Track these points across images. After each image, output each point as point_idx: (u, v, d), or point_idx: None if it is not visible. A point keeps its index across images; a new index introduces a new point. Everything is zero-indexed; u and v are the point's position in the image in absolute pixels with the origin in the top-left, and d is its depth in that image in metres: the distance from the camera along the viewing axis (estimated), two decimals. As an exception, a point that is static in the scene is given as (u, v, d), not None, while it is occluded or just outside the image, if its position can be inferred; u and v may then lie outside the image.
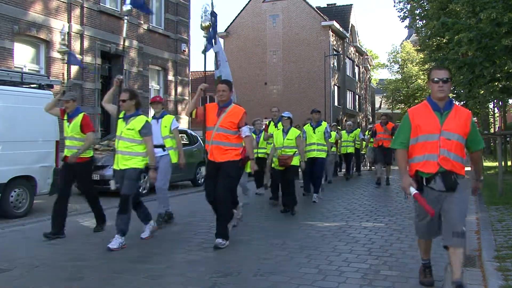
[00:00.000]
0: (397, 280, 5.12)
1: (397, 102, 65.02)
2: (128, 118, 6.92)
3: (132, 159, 6.85)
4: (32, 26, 16.03)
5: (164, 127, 8.46)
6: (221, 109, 6.87)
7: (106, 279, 5.24)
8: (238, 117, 6.82)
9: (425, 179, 4.55)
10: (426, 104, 4.64)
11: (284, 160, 9.65)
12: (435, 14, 22.30)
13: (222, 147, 6.74)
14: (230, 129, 6.75)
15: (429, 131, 4.48)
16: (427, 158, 4.50)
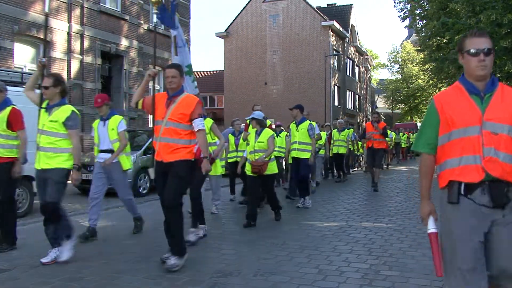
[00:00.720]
0: (397, 280, 5.11)
1: (397, 102, 65.10)
2: (52, 108, 6.00)
3: (57, 158, 5.87)
4: (32, 26, 16.04)
5: (111, 129, 7.46)
6: (171, 99, 5.78)
7: (106, 279, 5.23)
8: (190, 107, 5.69)
9: (464, 186, 3.14)
10: (458, 87, 3.30)
11: (258, 167, 8.44)
12: (435, 14, 22.29)
13: (171, 144, 5.68)
14: (181, 122, 5.68)
15: (465, 123, 3.14)
16: (465, 161, 3.13)
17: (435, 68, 30.11)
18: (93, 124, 7.84)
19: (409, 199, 11.59)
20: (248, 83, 43.54)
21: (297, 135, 10.33)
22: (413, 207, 10.25)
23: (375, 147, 13.24)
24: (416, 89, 61.99)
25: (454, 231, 3.19)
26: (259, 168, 8.41)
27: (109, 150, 7.42)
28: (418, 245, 6.69)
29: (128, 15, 20.07)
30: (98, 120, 7.61)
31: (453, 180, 3.18)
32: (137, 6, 20.71)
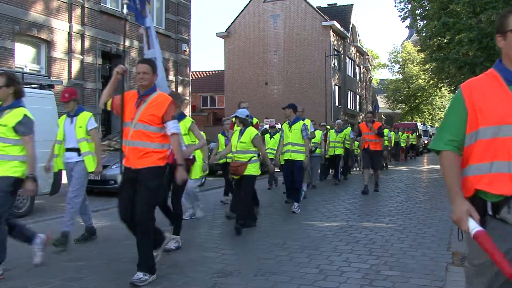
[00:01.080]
0: (398, 280, 5.11)
1: (397, 102, 65.09)
2: (3, 111, 5.36)
3: (4, 165, 5.31)
4: (33, 26, 16.03)
5: (78, 127, 6.88)
6: (142, 98, 5.26)
7: (106, 279, 5.23)
8: (162, 108, 5.15)
9: (491, 205, 2.48)
10: (493, 75, 2.60)
11: (235, 167, 7.87)
12: (436, 14, 22.29)
13: (141, 148, 5.11)
14: (151, 124, 5.12)
15: (500, 121, 2.46)
16: (497, 168, 2.46)
17: (435, 68, 30.12)
18: (58, 121, 7.42)
19: (409, 199, 11.58)
20: (248, 83, 43.55)
21: (290, 136, 9.77)
22: (414, 207, 10.26)
23: (372, 149, 12.85)
24: (416, 89, 62.01)
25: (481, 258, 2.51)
26: (236, 169, 7.83)
27: (75, 149, 6.89)
28: (419, 245, 6.69)
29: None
30: (65, 116, 7.08)
31: (480, 189, 2.50)
32: (137, 6, 20.70)
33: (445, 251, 6.35)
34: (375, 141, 12.89)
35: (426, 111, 66.42)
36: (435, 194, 12.73)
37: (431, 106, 66.10)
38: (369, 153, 12.93)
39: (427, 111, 66.51)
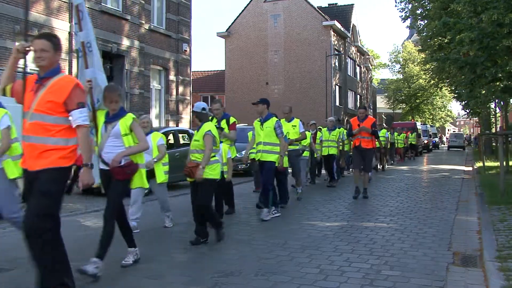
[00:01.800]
0: (399, 280, 5.11)
1: (398, 102, 65.11)
2: None
3: None
4: (34, 26, 16.04)
5: None
6: (40, 82, 4.33)
7: (108, 279, 5.23)
8: (63, 93, 4.25)
9: None
10: None
11: (188, 168, 6.92)
12: (436, 14, 22.30)
13: (37, 145, 4.20)
14: (50, 114, 4.20)
15: None
16: None
17: (436, 68, 30.20)
18: None
19: (410, 199, 11.58)
20: (249, 83, 43.56)
21: (261, 134, 8.83)
22: (414, 207, 10.25)
23: (363, 147, 11.51)
24: (417, 89, 62.04)
25: None
26: (189, 170, 6.90)
27: None
28: (419, 245, 6.69)
29: (129, 15, 20.07)
30: None
31: None
32: (138, 6, 20.71)
33: (446, 251, 6.35)
34: (367, 138, 11.50)
35: (427, 111, 66.44)
36: (435, 194, 12.72)
37: (431, 106, 66.14)
38: (361, 151, 11.56)
39: (427, 111, 66.53)
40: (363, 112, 11.80)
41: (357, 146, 11.63)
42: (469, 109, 32.30)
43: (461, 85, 21.41)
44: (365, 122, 11.54)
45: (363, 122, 11.51)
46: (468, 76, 16.39)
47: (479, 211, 9.52)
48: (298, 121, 11.19)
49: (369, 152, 11.75)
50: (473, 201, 11.36)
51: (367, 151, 11.62)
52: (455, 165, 25.98)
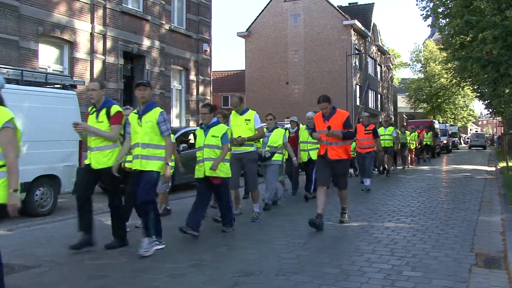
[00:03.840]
0: (420, 281, 5.06)
1: (419, 102, 64.55)
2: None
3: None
4: (56, 27, 16.23)
5: None
6: None
7: (128, 277, 5.27)
8: None
9: None
10: None
11: None
12: (458, 12, 22.04)
13: None
14: None
15: None
16: None
17: (458, 67, 29.82)
18: None
19: (432, 199, 11.46)
20: (269, 83, 43.55)
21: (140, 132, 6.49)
22: (436, 207, 10.14)
23: (332, 158, 8.07)
24: (438, 88, 61.43)
25: None
26: None
27: None
28: (441, 246, 6.62)
29: (150, 15, 20.20)
30: None
31: None
32: (158, 6, 20.83)
33: (468, 252, 6.27)
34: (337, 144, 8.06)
35: (449, 111, 65.77)
36: (457, 194, 12.57)
37: (453, 105, 65.45)
38: (329, 162, 8.15)
39: (449, 111, 65.85)
40: (326, 107, 7.99)
41: (322, 156, 8.13)
42: (492, 109, 31.86)
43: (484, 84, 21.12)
44: (332, 120, 7.95)
45: (329, 121, 7.95)
46: (491, 74, 16.12)
47: (502, 212, 9.40)
48: (254, 114, 8.88)
49: (341, 165, 8.15)
50: (496, 201, 11.21)
51: (337, 163, 8.07)
52: (478, 165, 25.64)
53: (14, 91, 8.64)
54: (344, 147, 8.09)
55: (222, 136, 7.49)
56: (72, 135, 10.10)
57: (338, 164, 8.07)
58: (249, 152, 8.77)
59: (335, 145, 7.98)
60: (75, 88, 10.96)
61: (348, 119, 8.10)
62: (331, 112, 8.03)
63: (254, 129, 8.70)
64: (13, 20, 14.76)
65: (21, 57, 14.87)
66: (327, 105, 7.96)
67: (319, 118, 8.19)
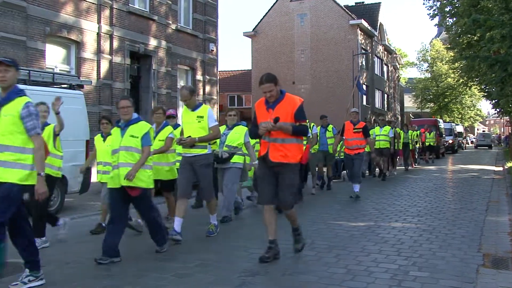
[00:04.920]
0: (427, 281, 5.04)
1: (426, 101, 64.32)
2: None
3: None
4: (63, 28, 16.29)
5: None
6: None
7: (134, 277, 5.28)
8: None
9: None
10: None
11: None
12: (466, 11, 21.95)
13: None
14: None
15: None
16: None
17: (465, 66, 29.70)
18: None
19: (438, 199, 11.42)
20: (276, 82, 43.48)
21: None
22: (443, 207, 10.11)
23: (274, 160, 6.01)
24: (445, 88, 61.15)
25: None
26: None
27: None
28: (448, 246, 6.59)
29: (157, 15, 20.24)
30: None
31: None
32: (165, 6, 20.87)
33: (476, 253, 6.24)
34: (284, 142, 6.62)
35: (456, 110, 65.50)
36: (465, 194, 12.52)
37: (460, 105, 65.17)
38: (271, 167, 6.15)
39: (456, 110, 65.59)
40: (271, 89, 5.85)
41: (263, 158, 5.95)
42: (499, 108, 31.70)
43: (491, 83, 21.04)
44: (279, 109, 5.86)
45: (274, 109, 5.86)
46: (499, 74, 16.04)
47: (510, 212, 9.36)
48: (208, 109, 7.35)
49: (287, 171, 5.88)
50: (504, 201, 11.16)
51: (282, 169, 5.88)
52: (485, 165, 25.54)
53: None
54: (294, 147, 5.86)
55: (143, 137, 6.13)
56: (79, 134, 10.19)
57: (283, 170, 5.83)
58: (201, 155, 7.16)
59: (280, 143, 5.80)
60: (82, 88, 11.01)
61: (301, 108, 5.91)
62: (278, 98, 5.89)
63: (207, 128, 7.15)
64: (21, 20, 14.84)
65: (29, 57, 14.95)
66: (272, 87, 5.82)
67: (261, 106, 6.02)
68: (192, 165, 7.16)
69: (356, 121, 11.88)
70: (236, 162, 8.69)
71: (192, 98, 7.24)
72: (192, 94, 7.23)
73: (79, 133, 10.21)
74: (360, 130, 11.70)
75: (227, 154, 8.47)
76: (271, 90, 5.82)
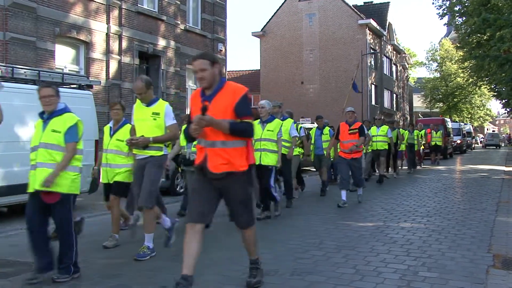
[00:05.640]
0: (436, 282, 5.02)
1: (435, 101, 64.05)
2: None
3: None
4: (73, 28, 16.37)
5: None
6: None
7: (144, 276, 5.30)
8: None
9: None
10: None
11: None
12: (475, 10, 21.85)
13: None
14: None
15: None
16: None
17: (475, 65, 29.57)
18: None
19: (448, 200, 11.37)
20: (284, 82, 43.53)
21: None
22: (452, 208, 10.06)
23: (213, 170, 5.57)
24: (455, 88, 60.91)
25: None
26: None
27: None
28: (458, 247, 6.56)
29: (165, 15, 20.28)
30: None
31: None
32: (174, 6, 20.91)
33: (486, 253, 6.21)
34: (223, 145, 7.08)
35: (465, 110, 65.19)
36: (474, 194, 12.45)
37: (470, 104, 64.86)
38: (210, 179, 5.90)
39: (466, 110, 65.29)
40: (203, 68, 4.57)
41: (200, 168, 4.64)
42: (509, 108, 31.53)
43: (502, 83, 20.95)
44: (217, 100, 4.58)
45: (211, 102, 4.50)
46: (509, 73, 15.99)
47: (519, 213, 9.30)
48: (165, 106, 6.33)
49: (235, 183, 4.61)
50: None
51: (225, 181, 4.61)
52: (495, 165, 25.37)
53: (31, 91, 8.71)
54: (239, 151, 4.55)
55: (67, 131, 5.12)
56: (88, 134, 10.22)
57: (230, 182, 4.55)
58: (155, 157, 6.21)
59: (220, 147, 4.47)
60: (91, 88, 11.05)
61: (245, 100, 4.68)
62: (216, 87, 4.60)
63: (164, 127, 6.19)
64: (31, 21, 14.92)
65: (38, 58, 15.03)
66: (205, 67, 4.48)
67: (196, 98, 4.68)
68: (144, 168, 6.18)
69: (352, 122, 10.63)
70: None
71: (148, 91, 6.23)
72: (148, 87, 6.23)
73: (88, 133, 10.22)
74: (356, 131, 10.51)
75: (195, 156, 7.33)
76: (204, 69, 4.48)
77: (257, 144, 8.58)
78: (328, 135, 12.80)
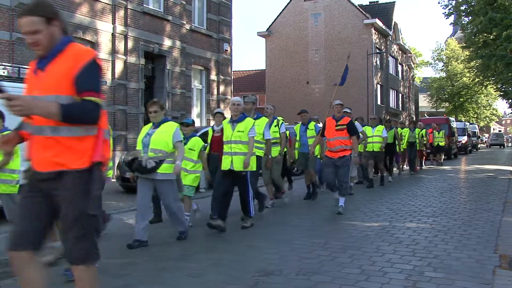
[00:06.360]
0: (442, 282, 5.00)
1: (441, 101, 63.86)
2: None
3: None
4: (78, 28, 16.41)
5: None
6: None
7: (149, 276, 5.31)
8: None
9: None
10: None
11: None
12: (482, 9, 21.78)
13: None
14: None
15: None
16: None
17: (481, 65, 29.48)
18: None
19: (454, 200, 11.33)
20: (290, 82, 43.52)
21: None
22: (458, 208, 10.03)
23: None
24: (461, 87, 60.68)
25: None
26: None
27: None
28: (464, 247, 6.54)
29: (171, 16, 20.31)
30: None
31: None
32: (179, 6, 20.93)
33: (492, 253, 6.18)
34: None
35: (471, 110, 64.98)
36: (480, 194, 12.41)
37: (476, 104, 64.63)
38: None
39: (472, 110, 65.06)
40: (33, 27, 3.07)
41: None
42: (516, 107, 31.40)
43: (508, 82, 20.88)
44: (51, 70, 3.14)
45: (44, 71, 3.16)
46: (516, 73, 15.90)
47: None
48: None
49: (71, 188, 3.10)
50: (518, 201, 11.04)
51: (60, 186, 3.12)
52: (501, 165, 25.27)
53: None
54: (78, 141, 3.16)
55: None
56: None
57: (59, 188, 3.15)
58: None
59: (50, 135, 3.11)
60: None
61: (91, 68, 3.33)
62: (55, 49, 3.18)
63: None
64: (37, 21, 14.95)
65: (44, 58, 15.07)
66: (37, 26, 3.08)
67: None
68: None
69: (340, 117, 9.51)
70: (166, 173, 6.69)
71: None
72: None
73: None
74: (344, 127, 9.31)
75: (153, 163, 6.53)
76: (36, 31, 3.07)
77: (226, 147, 7.75)
78: (313, 130, 11.44)
